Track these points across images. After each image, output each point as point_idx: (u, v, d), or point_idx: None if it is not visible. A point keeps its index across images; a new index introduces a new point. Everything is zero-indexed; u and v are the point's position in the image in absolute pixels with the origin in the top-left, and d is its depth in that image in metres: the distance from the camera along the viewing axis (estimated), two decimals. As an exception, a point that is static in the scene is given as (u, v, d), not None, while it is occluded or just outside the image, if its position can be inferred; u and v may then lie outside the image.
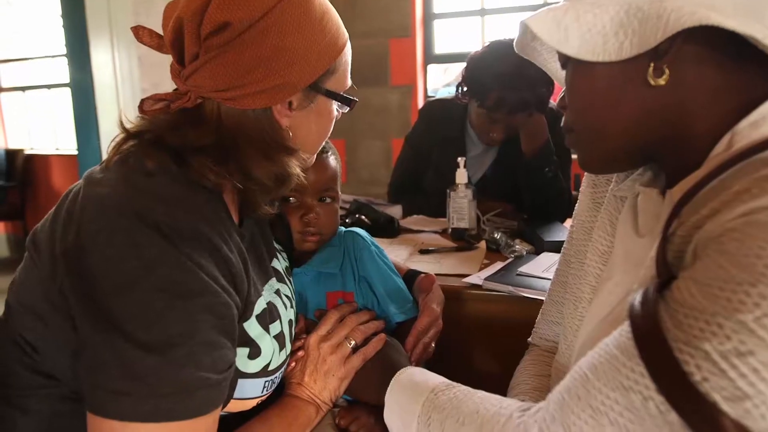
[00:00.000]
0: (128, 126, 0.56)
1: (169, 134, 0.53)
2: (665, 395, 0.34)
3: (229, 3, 0.50)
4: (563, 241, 0.66)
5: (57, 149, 3.87)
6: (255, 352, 0.57)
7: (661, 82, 0.43)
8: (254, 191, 0.56)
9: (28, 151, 3.86)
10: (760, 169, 0.36)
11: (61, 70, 3.59)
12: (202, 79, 0.52)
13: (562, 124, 0.53)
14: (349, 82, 0.61)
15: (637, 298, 0.38)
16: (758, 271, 0.31)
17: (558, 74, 0.57)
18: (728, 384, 0.32)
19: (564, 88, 0.52)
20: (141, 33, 0.56)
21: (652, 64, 0.43)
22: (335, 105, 0.61)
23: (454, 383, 0.55)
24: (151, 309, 0.45)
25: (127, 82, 3.22)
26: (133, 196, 0.49)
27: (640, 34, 0.42)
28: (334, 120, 0.62)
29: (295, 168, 0.57)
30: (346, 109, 0.63)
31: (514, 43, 0.55)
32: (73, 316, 0.48)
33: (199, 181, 0.53)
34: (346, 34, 0.59)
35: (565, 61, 0.50)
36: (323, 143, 0.65)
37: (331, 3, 0.58)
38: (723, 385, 0.32)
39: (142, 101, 0.55)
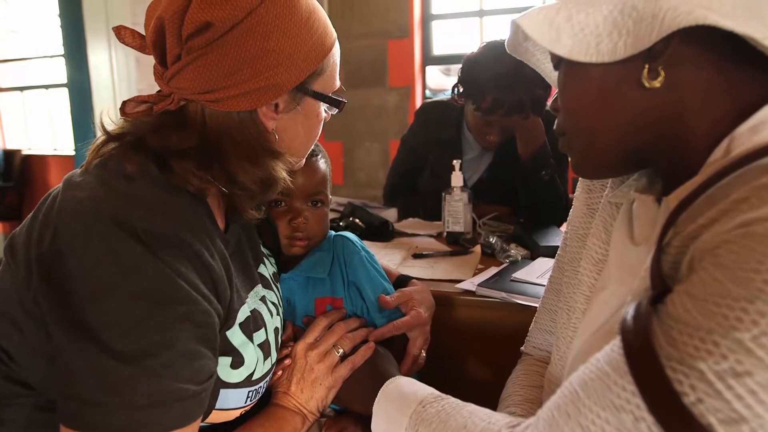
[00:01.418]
0: (110, 128, 0.54)
1: (150, 137, 0.52)
2: (657, 416, 0.32)
3: (211, 3, 0.49)
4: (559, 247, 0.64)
5: (55, 150, 3.86)
6: (238, 362, 0.55)
7: (656, 84, 0.41)
8: (239, 196, 0.55)
9: (25, 152, 3.86)
10: (759, 176, 0.34)
11: (59, 71, 3.58)
12: (185, 80, 0.50)
13: (554, 126, 0.51)
14: (338, 83, 0.60)
15: (629, 311, 0.36)
16: (756, 286, 0.30)
17: (552, 75, 0.56)
18: (724, 406, 0.30)
19: (557, 90, 0.50)
20: (123, 33, 0.54)
21: (646, 66, 0.41)
22: (323, 107, 0.59)
23: (443, 395, 0.54)
24: (127, 317, 0.44)
25: (124, 82, 3.21)
26: (111, 200, 0.48)
27: (634, 34, 0.40)
28: (322, 122, 0.61)
29: (281, 172, 0.56)
30: (335, 111, 0.61)
31: (506, 44, 0.53)
32: (48, 323, 0.46)
33: (181, 186, 0.52)
34: (334, 35, 0.58)
35: (558, 61, 0.49)
36: (312, 146, 0.64)
37: (329, 3, 0.56)
38: (718, 407, 0.30)
39: (124, 103, 0.53)
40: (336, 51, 0.58)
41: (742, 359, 0.30)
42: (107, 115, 0.55)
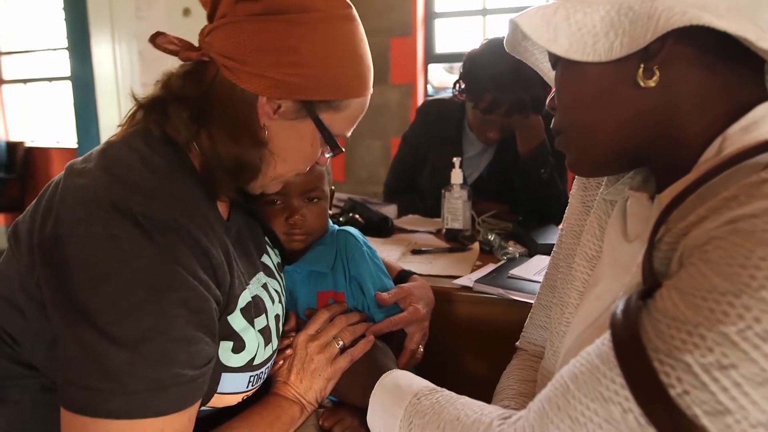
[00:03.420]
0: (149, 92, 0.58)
1: (165, 83, 0.56)
2: (643, 408, 0.33)
3: None
4: (556, 244, 0.65)
5: (57, 142, 3.87)
6: (239, 346, 0.56)
7: (651, 83, 0.42)
8: (215, 169, 0.55)
9: (28, 144, 3.86)
10: (749, 175, 0.35)
11: (63, 63, 3.59)
12: (217, 38, 0.53)
13: (551, 125, 0.52)
14: (346, 132, 0.60)
15: (619, 306, 0.37)
16: (742, 281, 0.31)
17: (550, 74, 0.56)
18: (709, 398, 0.31)
19: (554, 89, 0.51)
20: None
21: (642, 65, 0.42)
22: (320, 140, 0.58)
23: (438, 388, 0.55)
24: (124, 303, 0.45)
25: (128, 76, 3.22)
26: (111, 187, 0.49)
27: (630, 34, 0.41)
28: (312, 155, 0.59)
29: (258, 161, 0.56)
30: (329, 153, 0.61)
31: (505, 42, 0.54)
32: (47, 308, 0.47)
33: (173, 138, 0.54)
34: (369, 90, 0.58)
35: (555, 60, 0.49)
36: (290, 175, 0.61)
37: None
38: (704, 398, 0.31)
39: (156, 34, 0.56)
40: (360, 105, 0.58)
41: (727, 352, 0.30)
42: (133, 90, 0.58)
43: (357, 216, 1.19)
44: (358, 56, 0.56)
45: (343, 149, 0.60)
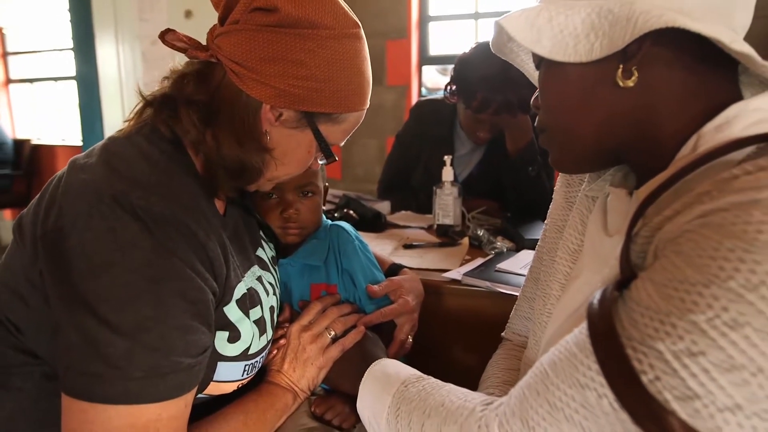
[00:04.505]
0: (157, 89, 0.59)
1: (173, 83, 0.57)
2: (617, 393, 0.34)
3: None
4: (542, 239, 0.66)
5: (63, 140, 3.89)
6: (234, 336, 0.58)
7: (630, 83, 0.43)
8: (219, 168, 0.57)
9: (35, 142, 3.88)
10: (721, 171, 0.36)
11: (68, 64, 3.62)
12: (228, 43, 0.54)
13: (535, 123, 0.53)
14: (340, 142, 0.62)
15: (596, 296, 0.38)
16: (711, 272, 0.32)
17: (535, 74, 0.58)
18: (679, 383, 0.32)
19: (538, 89, 0.52)
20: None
21: (621, 66, 0.43)
22: (316, 147, 0.60)
23: (425, 376, 0.56)
24: (123, 292, 0.46)
25: (131, 75, 3.25)
26: (112, 181, 0.50)
27: (609, 36, 0.42)
28: (307, 160, 0.62)
29: (260, 164, 0.58)
30: (323, 160, 0.63)
31: (491, 44, 0.55)
32: (50, 297, 0.49)
33: (178, 137, 0.55)
34: (367, 104, 0.61)
35: (539, 61, 0.50)
36: (286, 179, 0.64)
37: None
38: (674, 384, 0.32)
39: (166, 31, 0.56)
40: (356, 118, 0.61)
41: (696, 340, 0.32)
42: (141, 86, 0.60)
43: (351, 212, 1.21)
44: (361, 73, 0.58)
45: (336, 158, 0.62)
